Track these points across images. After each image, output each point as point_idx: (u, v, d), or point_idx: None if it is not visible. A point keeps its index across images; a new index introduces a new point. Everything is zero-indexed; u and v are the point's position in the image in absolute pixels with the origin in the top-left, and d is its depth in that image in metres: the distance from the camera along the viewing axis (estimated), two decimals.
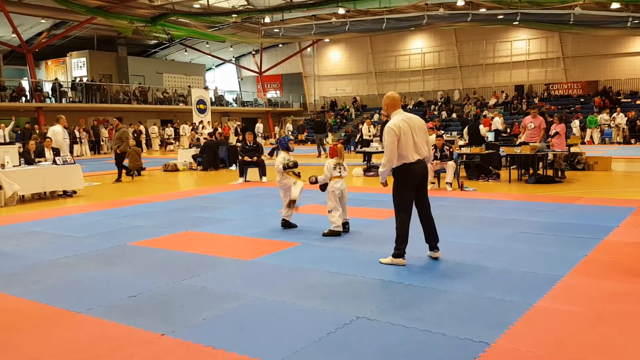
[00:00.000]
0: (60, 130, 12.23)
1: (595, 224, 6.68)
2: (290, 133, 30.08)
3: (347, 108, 37.61)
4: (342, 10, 24.59)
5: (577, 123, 24.69)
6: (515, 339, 3.33)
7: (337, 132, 32.86)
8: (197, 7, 27.28)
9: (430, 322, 3.63)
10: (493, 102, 32.21)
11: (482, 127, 13.51)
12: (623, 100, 28.47)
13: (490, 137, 13.39)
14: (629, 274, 4.63)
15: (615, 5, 21.49)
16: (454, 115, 30.33)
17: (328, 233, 6.42)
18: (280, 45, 39.45)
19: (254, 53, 40.21)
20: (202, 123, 25.00)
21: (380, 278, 4.67)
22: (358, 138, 21.18)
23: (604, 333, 3.41)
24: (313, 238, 6.30)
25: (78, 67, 33.72)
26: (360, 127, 21.99)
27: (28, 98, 26.38)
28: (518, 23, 25.11)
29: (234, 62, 42.86)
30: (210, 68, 43.72)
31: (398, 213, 5.06)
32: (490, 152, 12.25)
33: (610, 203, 8.38)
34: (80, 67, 33.57)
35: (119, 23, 26.75)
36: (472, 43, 34.18)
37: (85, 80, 30.27)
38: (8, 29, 26.21)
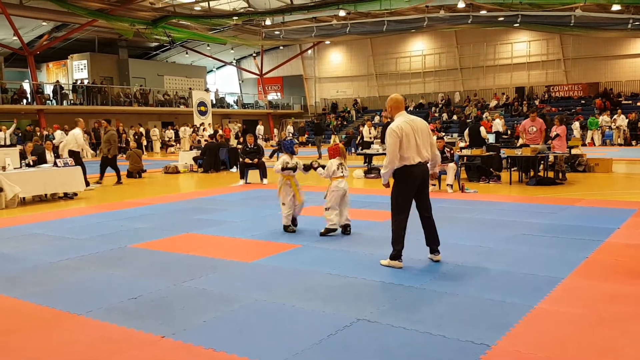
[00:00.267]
0: (80, 133, 12.40)
1: (596, 226, 6.67)
2: (292, 135, 30.06)
3: (348, 110, 37.64)
4: (342, 13, 24.65)
5: (577, 125, 24.69)
6: (516, 341, 3.32)
7: (338, 134, 32.84)
8: (198, 9, 27.35)
9: (431, 324, 3.63)
10: (494, 104, 32.24)
11: (482, 129, 13.51)
12: (624, 102, 28.49)
13: (491, 139, 13.39)
14: (630, 276, 4.62)
15: (616, 7, 21.52)
16: (455, 117, 30.35)
17: (324, 232, 6.45)
18: (281, 48, 39.50)
19: (255, 55, 40.27)
20: (202, 125, 25.02)
21: (381, 280, 4.66)
22: (359, 140, 21.19)
23: (605, 335, 3.41)
24: (313, 240, 6.30)
25: (79, 69, 33.76)
26: (361, 129, 21.98)
27: (29, 100, 26.43)
28: (519, 25, 25.12)
29: (235, 64, 42.90)
30: (211, 70, 43.77)
31: (395, 214, 5.07)
32: (491, 154, 12.26)
33: (611, 205, 8.37)
34: (81, 69, 33.62)
35: (120, 25, 26.80)
36: (472, 45, 34.21)
37: (86, 83, 30.32)
38: (9, 32, 26.27)
